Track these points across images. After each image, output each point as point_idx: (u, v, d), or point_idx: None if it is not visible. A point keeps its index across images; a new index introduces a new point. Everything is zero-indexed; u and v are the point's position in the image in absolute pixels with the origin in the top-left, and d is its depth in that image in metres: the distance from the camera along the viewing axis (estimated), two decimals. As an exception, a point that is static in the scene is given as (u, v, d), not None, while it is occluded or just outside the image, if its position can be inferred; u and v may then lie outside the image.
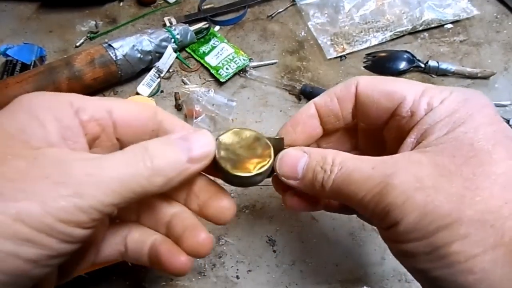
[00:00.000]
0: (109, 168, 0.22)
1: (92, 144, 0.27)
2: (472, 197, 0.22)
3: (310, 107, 0.32)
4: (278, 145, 0.30)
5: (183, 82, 0.58)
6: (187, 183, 0.28)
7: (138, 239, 0.29)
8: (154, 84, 0.57)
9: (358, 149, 0.34)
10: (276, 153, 0.30)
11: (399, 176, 0.24)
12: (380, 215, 0.25)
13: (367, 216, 0.27)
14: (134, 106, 0.29)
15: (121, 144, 0.29)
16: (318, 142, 0.35)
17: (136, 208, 0.30)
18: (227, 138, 0.29)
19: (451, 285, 0.23)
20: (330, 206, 0.34)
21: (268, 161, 0.28)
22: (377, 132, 0.31)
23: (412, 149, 0.26)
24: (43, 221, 0.20)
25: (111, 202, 0.22)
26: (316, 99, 0.32)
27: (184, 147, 0.25)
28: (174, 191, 0.29)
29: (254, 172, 0.28)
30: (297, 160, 0.29)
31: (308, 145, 0.33)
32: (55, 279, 0.26)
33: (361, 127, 0.34)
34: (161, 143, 0.25)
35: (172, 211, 0.29)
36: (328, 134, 0.34)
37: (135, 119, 0.28)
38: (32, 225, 0.20)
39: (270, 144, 0.29)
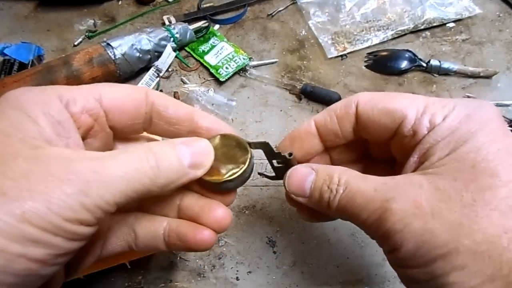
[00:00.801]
0: (114, 167, 0.22)
1: (86, 135, 0.27)
2: (470, 225, 0.22)
3: (310, 125, 0.32)
4: (271, 152, 0.31)
5: (182, 82, 0.58)
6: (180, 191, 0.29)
7: (148, 226, 0.30)
8: (153, 84, 0.57)
9: (370, 156, 0.34)
10: (270, 158, 0.31)
11: (399, 201, 0.24)
12: (382, 239, 0.25)
13: (371, 237, 0.27)
14: (123, 89, 0.28)
15: (115, 131, 0.29)
16: (329, 151, 0.35)
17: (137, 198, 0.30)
18: (212, 143, 0.29)
19: None
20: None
21: (241, 168, 0.29)
22: (385, 145, 0.31)
23: (414, 170, 0.26)
24: (49, 221, 0.20)
25: (115, 201, 0.22)
26: (316, 117, 0.32)
27: (186, 152, 0.26)
28: (166, 204, 0.30)
29: (223, 179, 0.28)
30: (304, 178, 0.29)
31: (308, 160, 0.33)
32: (63, 276, 0.26)
33: (369, 140, 0.34)
34: (165, 146, 0.25)
35: (180, 195, 0.30)
36: (334, 148, 0.34)
37: (126, 104, 0.28)
38: (38, 224, 0.19)
39: (249, 150, 0.30)
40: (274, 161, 0.32)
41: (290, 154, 0.31)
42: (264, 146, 0.31)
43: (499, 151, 0.23)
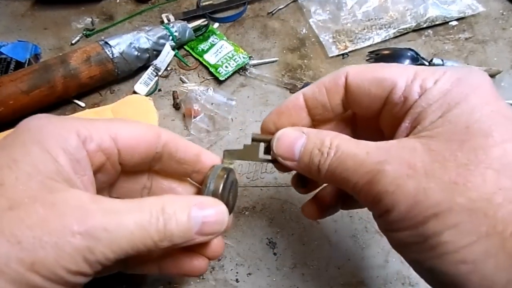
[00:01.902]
0: (124, 226, 0.23)
1: (97, 172, 0.28)
2: (464, 183, 0.22)
3: (298, 97, 0.31)
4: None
5: (181, 81, 0.58)
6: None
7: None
8: (152, 83, 0.57)
9: (357, 135, 0.35)
10: (252, 158, 0.32)
11: (392, 163, 0.24)
12: (372, 203, 0.25)
13: (361, 203, 0.27)
14: (138, 129, 0.29)
15: (123, 168, 0.30)
16: (316, 127, 0.35)
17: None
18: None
19: (444, 277, 0.23)
20: (344, 206, 0.36)
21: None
22: (373, 121, 0.31)
23: (407, 135, 0.26)
24: (55, 272, 0.21)
25: (115, 258, 0.23)
26: (304, 90, 0.31)
27: (198, 218, 0.26)
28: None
29: None
30: (294, 141, 0.29)
31: None
32: None
33: (356, 116, 0.34)
34: (179, 206, 0.25)
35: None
36: (322, 124, 0.34)
37: (140, 144, 0.29)
38: (44, 274, 0.21)
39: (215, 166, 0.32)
40: (262, 155, 0.32)
41: (252, 134, 0.31)
42: (229, 155, 0.33)
43: (492, 112, 0.24)
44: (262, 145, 0.32)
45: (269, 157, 0.32)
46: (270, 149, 0.31)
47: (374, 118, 0.31)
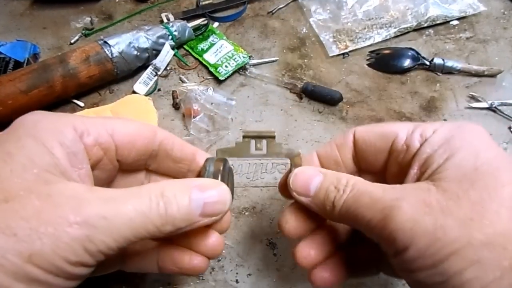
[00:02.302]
0: (123, 213, 0.23)
1: (94, 167, 0.28)
2: (481, 220, 0.23)
3: (312, 157, 0.34)
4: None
5: (181, 80, 0.58)
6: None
7: (142, 250, 0.32)
8: (151, 82, 0.57)
9: None
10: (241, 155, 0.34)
11: (408, 200, 0.24)
12: (387, 240, 0.25)
13: (375, 241, 0.27)
14: (135, 127, 0.30)
15: (121, 165, 0.30)
16: None
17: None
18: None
19: None
20: (357, 271, 0.34)
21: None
22: (380, 178, 0.33)
23: (416, 180, 0.27)
24: (53, 263, 0.21)
25: (118, 246, 0.23)
26: (318, 149, 0.34)
27: (199, 199, 0.26)
28: None
29: None
30: (311, 179, 0.30)
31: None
32: None
33: (365, 173, 0.35)
34: (178, 189, 0.25)
35: None
36: None
37: (137, 141, 0.29)
38: (43, 266, 0.21)
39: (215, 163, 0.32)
40: (254, 151, 0.34)
41: (242, 131, 0.33)
42: (221, 152, 0.34)
43: (496, 157, 0.25)
44: (253, 142, 0.33)
45: (261, 152, 0.33)
46: (261, 144, 0.33)
47: (381, 174, 0.32)
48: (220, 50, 0.60)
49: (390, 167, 0.31)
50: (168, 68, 0.59)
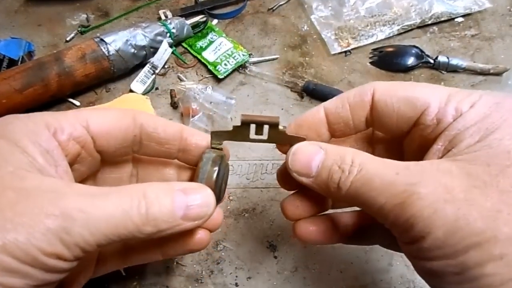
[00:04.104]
0: (101, 208, 0.23)
1: (74, 162, 0.28)
2: (509, 212, 0.21)
3: (319, 111, 0.31)
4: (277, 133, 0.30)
5: (179, 79, 0.58)
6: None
7: None
8: (149, 81, 0.57)
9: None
10: (273, 140, 0.30)
11: (427, 185, 0.23)
12: (403, 227, 0.24)
13: (387, 226, 0.26)
14: (110, 114, 0.29)
15: (102, 155, 0.30)
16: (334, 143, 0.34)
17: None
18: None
19: None
20: (347, 237, 0.33)
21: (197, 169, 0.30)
22: (395, 143, 0.30)
23: (439, 158, 0.25)
24: (28, 253, 0.21)
25: (96, 242, 0.22)
26: (326, 103, 0.31)
27: (182, 202, 0.25)
28: None
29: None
30: (312, 156, 0.28)
31: None
32: None
33: (376, 136, 0.33)
34: (161, 191, 0.25)
35: None
36: (337, 141, 0.33)
37: (114, 129, 0.29)
38: (17, 256, 0.20)
39: (206, 150, 0.31)
40: (254, 136, 0.31)
41: (241, 116, 0.30)
42: (216, 136, 0.31)
43: None
44: (253, 127, 0.31)
45: (262, 138, 0.30)
46: (261, 130, 0.30)
47: (395, 141, 0.30)
48: (219, 48, 0.60)
49: (412, 138, 0.28)
50: (166, 66, 0.59)
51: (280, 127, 0.30)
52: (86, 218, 0.22)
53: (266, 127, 0.30)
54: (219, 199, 0.31)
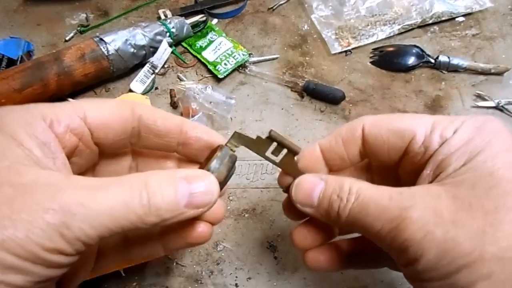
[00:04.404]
0: (102, 200, 0.22)
1: (71, 154, 0.27)
2: (494, 232, 0.22)
3: (315, 149, 0.33)
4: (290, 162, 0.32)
5: (179, 79, 0.58)
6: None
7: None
8: (148, 81, 0.57)
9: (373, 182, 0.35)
10: (260, 152, 0.31)
11: (418, 209, 0.24)
12: (398, 250, 0.25)
13: (385, 250, 0.27)
14: (108, 106, 0.29)
15: (100, 148, 0.29)
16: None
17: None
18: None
19: None
20: (356, 262, 0.34)
21: (214, 158, 0.29)
22: (390, 169, 0.32)
23: (429, 182, 0.27)
24: (28, 249, 0.20)
25: (98, 235, 0.22)
26: (321, 141, 0.33)
27: (185, 190, 0.25)
28: None
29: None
30: (313, 187, 0.29)
31: None
32: None
33: (372, 165, 0.34)
34: (163, 180, 0.25)
35: None
36: (338, 172, 0.34)
37: (112, 121, 0.28)
38: (17, 253, 0.20)
39: (222, 145, 0.31)
40: (269, 154, 0.32)
41: (270, 131, 0.31)
42: (238, 138, 0.31)
43: None
44: (274, 145, 0.31)
45: (275, 159, 0.32)
46: (279, 152, 0.31)
47: (390, 168, 0.31)
48: (219, 48, 0.60)
49: (405, 165, 0.30)
50: (165, 66, 0.59)
51: (295, 157, 0.32)
52: (86, 212, 0.22)
53: (284, 151, 0.31)
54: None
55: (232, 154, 0.30)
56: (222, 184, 0.30)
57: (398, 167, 0.31)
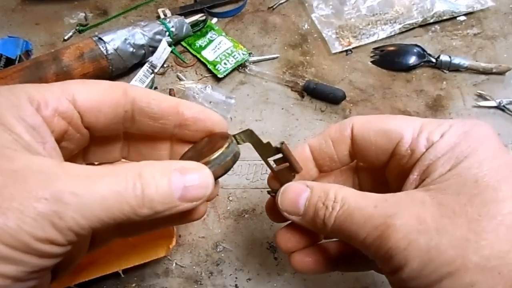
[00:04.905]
0: (96, 190, 0.22)
1: (61, 139, 0.27)
2: (477, 241, 0.22)
3: (304, 150, 0.33)
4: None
5: (178, 78, 0.58)
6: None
7: None
8: (148, 80, 0.57)
9: (360, 188, 0.35)
10: (264, 156, 0.31)
11: (401, 217, 0.24)
12: (383, 259, 0.25)
13: (371, 258, 0.27)
14: (99, 87, 0.27)
15: (91, 131, 0.28)
16: (322, 178, 0.35)
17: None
18: (199, 142, 0.30)
19: None
20: (343, 265, 0.34)
21: (218, 152, 0.28)
22: (379, 172, 0.32)
23: (415, 187, 0.27)
24: (19, 239, 0.20)
25: (90, 226, 0.22)
26: (310, 141, 0.33)
27: (179, 182, 0.25)
28: None
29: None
30: (298, 195, 0.29)
31: None
32: (49, 280, 0.26)
33: (361, 167, 0.34)
34: (158, 171, 0.24)
35: None
36: (326, 174, 0.34)
37: (103, 103, 0.27)
38: (8, 242, 0.20)
39: (230, 138, 0.30)
40: (271, 160, 0.31)
41: (282, 143, 0.30)
42: (249, 136, 0.31)
43: (500, 167, 0.25)
44: (280, 155, 0.31)
45: (273, 165, 0.32)
46: (281, 163, 0.31)
47: (378, 171, 0.31)
48: (219, 47, 0.60)
49: (391, 167, 0.30)
50: (165, 65, 0.59)
51: (293, 174, 0.32)
52: (79, 202, 0.21)
53: (286, 164, 0.31)
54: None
55: (237, 151, 0.30)
56: (219, 176, 0.29)
57: (386, 170, 0.31)
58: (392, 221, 0.24)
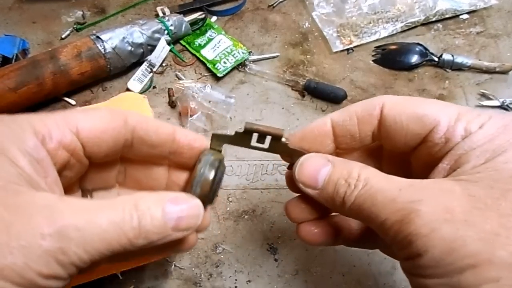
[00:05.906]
0: (96, 223, 0.23)
1: (62, 170, 0.27)
2: (508, 236, 0.22)
3: (325, 123, 0.31)
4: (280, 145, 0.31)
5: (177, 77, 0.58)
6: None
7: None
8: (146, 79, 0.57)
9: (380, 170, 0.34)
10: (246, 145, 0.31)
11: (427, 204, 0.24)
12: (402, 244, 0.24)
13: (388, 242, 0.26)
14: (101, 117, 0.28)
15: (91, 160, 0.29)
16: (338, 155, 0.34)
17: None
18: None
19: None
20: (350, 240, 0.34)
21: (194, 169, 0.30)
22: (402, 156, 0.31)
23: (444, 176, 0.26)
24: (25, 276, 0.21)
25: (90, 259, 0.23)
26: (333, 115, 0.31)
27: (173, 212, 0.26)
28: None
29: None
30: (319, 169, 0.29)
31: None
32: None
33: (383, 149, 0.33)
34: (152, 202, 0.25)
35: None
36: (345, 153, 0.33)
37: (105, 134, 0.28)
38: (14, 280, 0.20)
39: (204, 150, 0.31)
40: (255, 143, 0.31)
41: (245, 124, 0.30)
42: (217, 139, 0.31)
43: None
44: (255, 135, 0.31)
45: (263, 146, 0.31)
46: (263, 140, 0.31)
47: (402, 155, 0.31)
48: (218, 46, 0.60)
49: (419, 153, 0.29)
50: (163, 64, 0.59)
51: (283, 139, 0.31)
52: (81, 236, 0.22)
53: (268, 140, 0.31)
54: (211, 201, 0.31)
55: (214, 159, 0.30)
56: (212, 191, 0.30)
57: (411, 155, 0.30)
58: (417, 207, 0.24)
